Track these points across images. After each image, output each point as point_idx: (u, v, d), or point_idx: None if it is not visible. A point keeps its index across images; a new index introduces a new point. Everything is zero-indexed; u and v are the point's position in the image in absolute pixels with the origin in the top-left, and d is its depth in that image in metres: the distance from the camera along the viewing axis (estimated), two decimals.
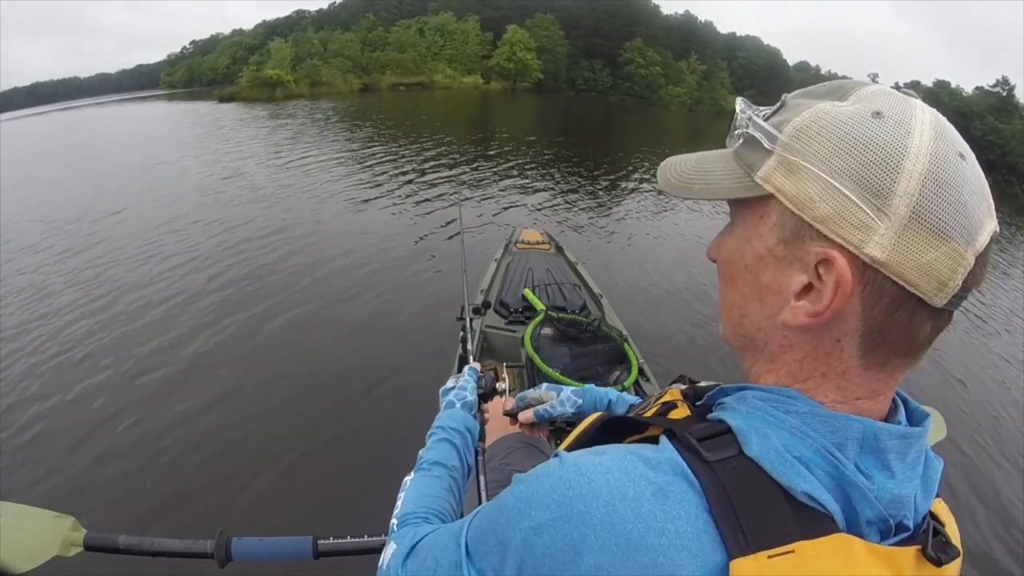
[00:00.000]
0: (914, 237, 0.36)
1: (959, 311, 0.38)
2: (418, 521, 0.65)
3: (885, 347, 0.40)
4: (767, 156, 0.41)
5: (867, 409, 0.41)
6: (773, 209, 0.41)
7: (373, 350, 3.83)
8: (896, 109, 0.38)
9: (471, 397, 0.94)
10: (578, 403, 0.95)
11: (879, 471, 0.39)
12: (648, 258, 6.59)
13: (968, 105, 38.02)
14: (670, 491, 0.37)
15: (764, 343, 0.44)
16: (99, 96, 56.49)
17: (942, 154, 0.36)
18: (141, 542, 0.94)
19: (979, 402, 4.40)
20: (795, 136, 0.40)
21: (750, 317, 0.45)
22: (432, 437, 0.82)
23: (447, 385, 0.98)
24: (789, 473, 0.37)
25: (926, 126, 0.37)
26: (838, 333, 0.40)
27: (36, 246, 6.02)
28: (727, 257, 0.47)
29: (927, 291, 0.37)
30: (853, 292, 0.38)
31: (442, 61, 47.30)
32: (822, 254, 0.38)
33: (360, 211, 7.50)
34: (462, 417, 0.87)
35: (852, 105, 0.39)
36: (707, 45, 52.57)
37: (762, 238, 0.42)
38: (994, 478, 3.41)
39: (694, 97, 49.22)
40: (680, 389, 0.55)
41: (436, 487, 0.72)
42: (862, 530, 0.37)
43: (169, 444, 2.84)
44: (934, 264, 0.36)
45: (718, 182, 0.45)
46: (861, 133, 0.37)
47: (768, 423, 0.40)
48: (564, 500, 0.39)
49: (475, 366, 1.03)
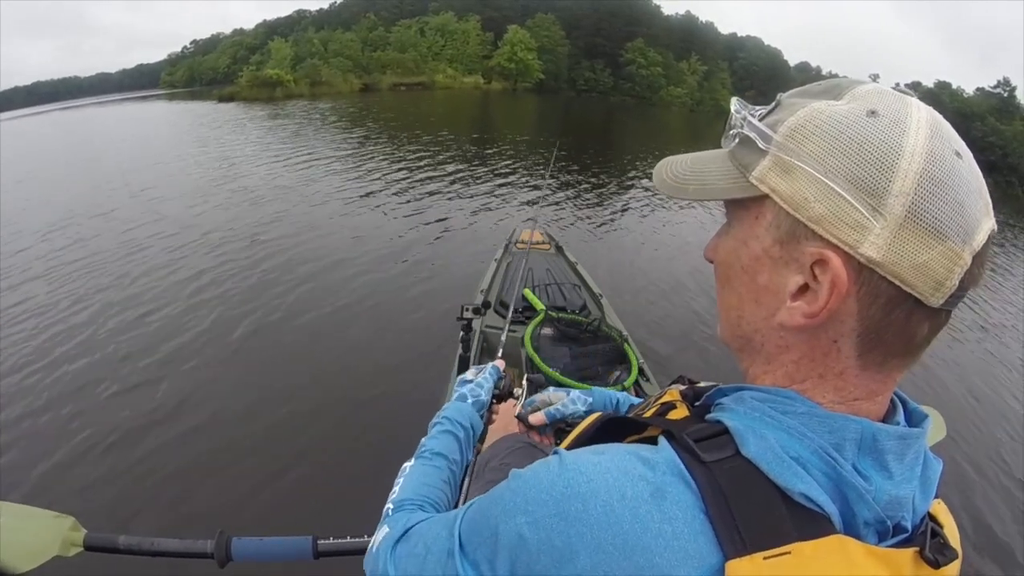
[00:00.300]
0: (910, 237, 0.36)
1: (963, 313, 0.42)
2: (413, 508, 0.65)
3: (882, 347, 0.39)
4: (762, 156, 0.41)
5: (865, 410, 0.41)
6: (768, 210, 0.41)
7: (372, 350, 3.83)
8: (891, 108, 0.38)
9: (485, 397, 0.92)
10: (588, 401, 0.95)
11: (877, 472, 0.38)
12: (648, 258, 6.58)
13: (969, 106, 38.00)
14: (667, 492, 0.37)
15: (761, 344, 0.44)
16: (100, 95, 56.39)
17: (938, 153, 0.36)
18: (141, 542, 0.95)
19: (980, 402, 4.39)
20: (790, 136, 0.39)
21: (747, 318, 0.45)
22: (436, 427, 0.81)
23: (466, 376, 0.96)
24: (786, 474, 0.36)
25: (922, 124, 0.37)
26: (835, 334, 0.40)
27: (37, 246, 6.00)
28: (724, 258, 0.47)
29: (924, 291, 0.37)
30: (849, 292, 0.38)
31: (443, 61, 47.12)
32: (817, 255, 0.38)
33: (356, 213, 7.45)
34: (469, 413, 0.86)
35: (847, 104, 0.39)
36: (708, 45, 52.48)
37: (758, 239, 0.42)
38: (995, 477, 3.40)
39: (695, 98, 49.13)
40: (679, 390, 0.55)
41: (435, 477, 0.72)
42: (860, 531, 0.37)
43: (169, 444, 2.84)
44: (930, 264, 0.36)
45: (713, 183, 0.45)
46: (856, 132, 0.37)
47: (765, 423, 0.40)
48: (562, 498, 0.39)
49: (499, 364, 1.01)
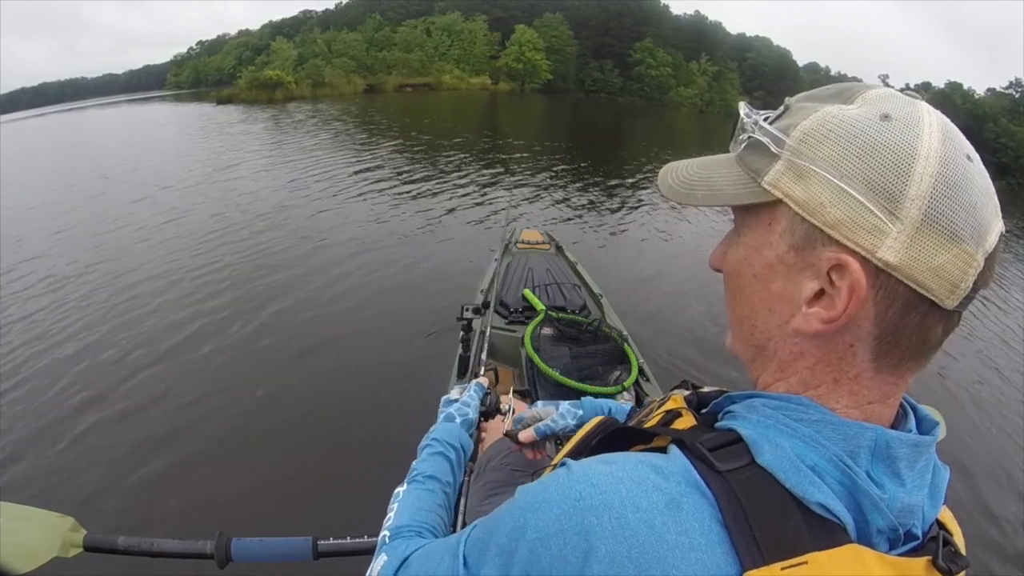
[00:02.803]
0: (926, 240, 0.36)
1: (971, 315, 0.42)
2: (411, 534, 0.64)
3: (898, 351, 0.39)
4: (774, 161, 0.41)
5: (877, 413, 0.41)
6: (782, 215, 0.41)
7: (372, 350, 3.84)
8: (903, 112, 0.38)
9: (472, 415, 0.92)
10: (578, 414, 0.93)
11: (890, 479, 0.38)
12: (648, 258, 6.57)
13: (981, 107, 37.48)
14: (683, 502, 0.36)
15: (774, 352, 0.44)
16: (106, 96, 56.79)
17: (951, 156, 0.36)
18: (141, 543, 0.95)
19: (980, 402, 4.36)
20: (803, 140, 0.39)
21: (760, 327, 0.44)
22: (427, 449, 0.81)
23: (451, 395, 0.95)
24: (803, 483, 0.36)
25: (934, 128, 0.37)
26: (851, 338, 0.39)
27: (39, 246, 6.05)
28: (734, 268, 0.46)
29: (940, 294, 0.37)
30: (867, 297, 0.38)
31: (449, 61, 46.86)
32: (835, 259, 0.38)
33: (355, 213, 7.45)
34: (459, 433, 0.85)
35: (859, 108, 0.39)
36: (717, 46, 51.94)
37: (771, 246, 0.42)
38: (995, 477, 3.37)
39: (705, 99, 48.43)
40: (683, 395, 0.54)
41: (429, 501, 0.71)
42: (872, 539, 0.37)
43: (169, 445, 2.84)
44: (946, 267, 0.36)
45: (723, 188, 0.44)
46: (871, 136, 0.37)
47: (780, 432, 0.40)
48: (574, 511, 0.38)
49: (482, 381, 1.01)
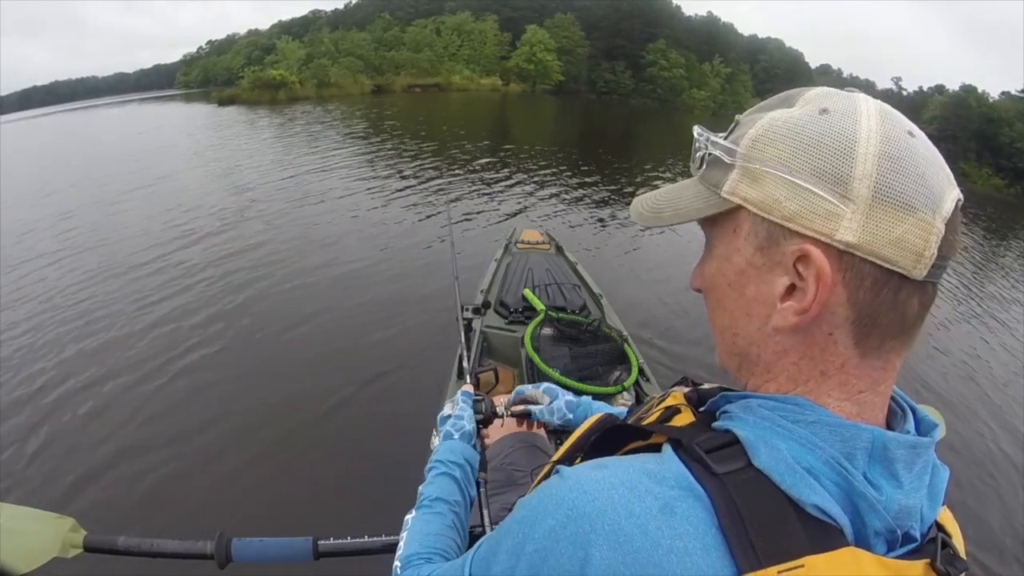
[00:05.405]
0: (881, 214, 0.37)
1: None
2: (421, 562, 0.65)
3: (878, 331, 0.40)
4: (729, 170, 0.43)
5: (870, 403, 0.42)
6: (744, 220, 0.43)
7: (372, 350, 3.83)
8: (840, 104, 0.40)
9: (469, 426, 0.92)
10: (568, 418, 0.95)
11: (887, 481, 0.38)
12: (648, 258, 6.54)
13: (996, 111, 36.93)
14: (677, 506, 0.37)
15: (758, 355, 0.45)
16: (117, 95, 57.31)
17: (891, 134, 0.38)
18: (141, 543, 0.95)
19: (980, 402, 4.33)
20: (752, 145, 0.42)
21: (741, 334, 0.45)
22: (431, 472, 0.81)
23: (443, 412, 0.95)
24: (800, 485, 0.36)
25: (872, 112, 0.39)
26: (829, 326, 0.40)
27: (40, 247, 6.09)
28: (710, 282, 0.47)
29: (905, 265, 0.38)
30: (835, 281, 0.39)
31: (459, 62, 46.54)
32: (798, 251, 0.39)
33: (356, 215, 7.45)
34: (461, 449, 0.86)
35: (800, 108, 0.41)
36: (730, 47, 51.35)
37: (740, 251, 0.43)
38: (995, 479, 3.34)
39: (718, 101, 47.62)
40: (683, 392, 0.53)
41: (438, 524, 0.71)
42: (870, 541, 0.37)
43: (169, 446, 2.84)
44: (906, 236, 0.37)
45: (687, 205, 0.47)
46: (812, 130, 0.39)
47: (777, 433, 0.40)
48: (568, 520, 0.38)
49: (468, 389, 1.01)
